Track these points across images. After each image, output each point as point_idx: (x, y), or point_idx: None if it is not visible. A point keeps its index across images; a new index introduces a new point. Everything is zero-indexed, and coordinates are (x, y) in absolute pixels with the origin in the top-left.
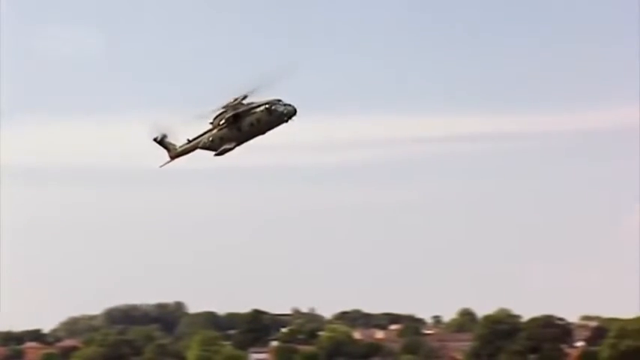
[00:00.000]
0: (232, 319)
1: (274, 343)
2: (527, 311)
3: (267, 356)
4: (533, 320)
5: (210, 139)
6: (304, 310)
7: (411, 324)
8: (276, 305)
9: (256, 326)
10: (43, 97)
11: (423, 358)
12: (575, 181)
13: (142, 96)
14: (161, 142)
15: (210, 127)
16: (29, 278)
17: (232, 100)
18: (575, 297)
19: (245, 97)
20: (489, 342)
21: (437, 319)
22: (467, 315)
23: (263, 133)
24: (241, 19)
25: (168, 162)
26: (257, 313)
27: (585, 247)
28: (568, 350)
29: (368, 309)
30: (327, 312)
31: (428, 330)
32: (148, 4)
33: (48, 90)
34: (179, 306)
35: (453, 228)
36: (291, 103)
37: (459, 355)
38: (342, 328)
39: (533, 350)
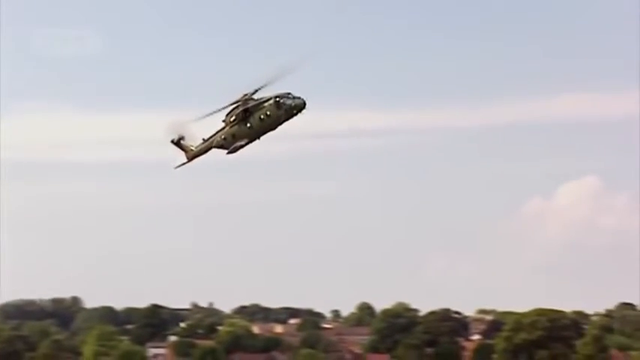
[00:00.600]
0: (130, 314)
1: (173, 338)
2: (424, 305)
3: (165, 351)
4: (431, 314)
5: (223, 137)
6: (203, 304)
7: (310, 318)
8: (175, 300)
9: (154, 321)
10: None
11: (321, 352)
12: (476, 175)
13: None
14: (178, 143)
15: (223, 125)
16: None
17: (242, 96)
18: (471, 291)
19: (256, 92)
20: (387, 336)
21: (336, 314)
22: (365, 309)
23: (274, 127)
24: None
25: (185, 163)
26: (155, 308)
27: (482, 242)
28: (464, 343)
29: (267, 303)
30: (226, 306)
31: (327, 324)
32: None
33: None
34: (75, 301)
35: (353, 223)
36: (301, 96)
37: (357, 349)
38: (241, 322)
39: (431, 343)
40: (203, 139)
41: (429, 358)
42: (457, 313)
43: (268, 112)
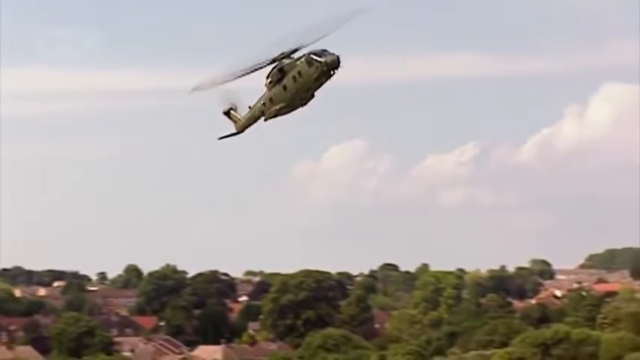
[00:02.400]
0: None
1: None
2: (193, 268)
3: None
4: (199, 276)
5: (262, 102)
6: None
7: (75, 281)
8: None
9: None
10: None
11: (86, 315)
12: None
13: None
14: (228, 113)
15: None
16: None
17: (279, 54)
18: (239, 253)
19: (295, 51)
20: (154, 298)
21: (102, 276)
22: (132, 271)
23: (308, 90)
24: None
25: (231, 135)
26: None
27: (249, 204)
28: (232, 305)
29: (30, 266)
30: None
31: (92, 287)
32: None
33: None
34: None
35: (120, 186)
36: (335, 52)
37: (123, 311)
38: (2, 285)
39: (198, 305)
40: (249, 107)
41: (197, 319)
42: (225, 274)
43: (300, 71)
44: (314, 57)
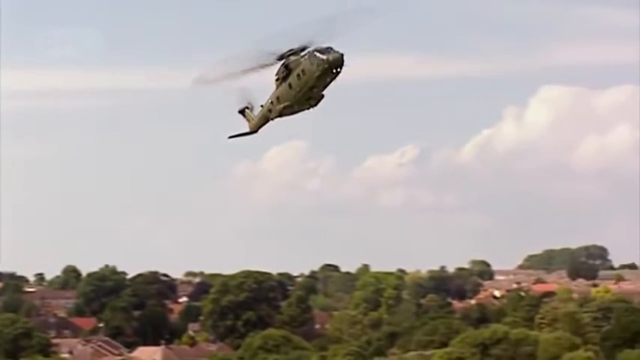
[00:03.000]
0: None
1: None
2: (133, 268)
3: None
4: (139, 276)
5: (270, 100)
6: None
7: (12, 282)
8: None
9: None
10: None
11: (23, 316)
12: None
13: None
14: (243, 112)
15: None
16: None
17: (287, 51)
18: (180, 254)
19: (304, 49)
20: (93, 299)
21: (40, 277)
22: (71, 272)
23: (312, 88)
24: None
25: (241, 135)
26: None
27: (191, 204)
28: (172, 306)
29: None
30: None
31: (30, 288)
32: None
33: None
34: None
35: (60, 186)
36: (339, 50)
37: (62, 313)
38: None
39: (138, 306)
40: (261, 106)
41: (136, 320)
42: (165, 275)
43: (303, 69)
44: (318, 54)
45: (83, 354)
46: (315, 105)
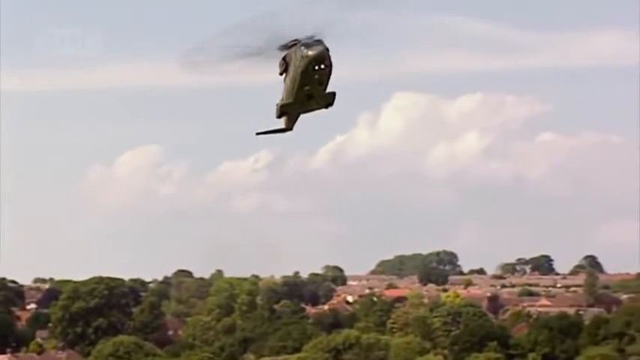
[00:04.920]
0: None
1: None
2: None
3: None
4: None
5: (281, 97)
6: None
7: None
8: None
9: None
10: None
11: None
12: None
13: None
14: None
15: None
16: None
17: (290, 42)
18: (29, 260)
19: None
20: None
21: None
22: None
23: (303, 86)
24: None
25: (276, 131)
26: None
27: (41, 208)
28: (19, 313)
29: None
30: None
31: None
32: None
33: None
34: None
35: None
36: (320, 43)
37: None
38: None
39: None
40: (277, 105)
41: None
42: (13, 282)
43: (294, 63)
44: (302, 48)
45: None
46: (325, 105)
